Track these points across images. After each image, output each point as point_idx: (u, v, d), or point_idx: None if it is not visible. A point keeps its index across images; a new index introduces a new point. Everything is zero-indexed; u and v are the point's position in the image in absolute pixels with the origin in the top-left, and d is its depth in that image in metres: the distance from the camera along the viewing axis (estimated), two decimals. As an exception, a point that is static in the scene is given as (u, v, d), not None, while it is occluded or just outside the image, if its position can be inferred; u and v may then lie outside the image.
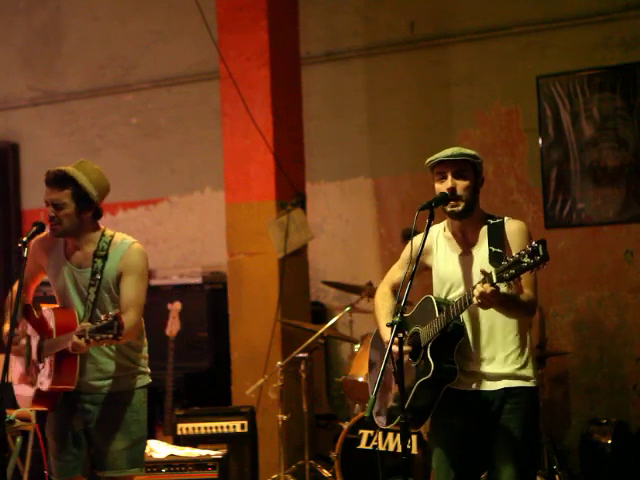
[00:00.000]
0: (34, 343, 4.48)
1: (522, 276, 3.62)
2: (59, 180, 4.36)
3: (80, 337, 4.06)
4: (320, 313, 7.48)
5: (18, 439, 5.56)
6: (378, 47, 7.49)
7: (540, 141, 6.96)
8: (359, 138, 7.55)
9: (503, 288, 3.64)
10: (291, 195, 6.83)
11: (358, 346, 6.07)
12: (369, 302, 6.40)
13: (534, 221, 6.93)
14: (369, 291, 6.26)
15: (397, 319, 3.69)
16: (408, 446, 3.75)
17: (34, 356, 4.47)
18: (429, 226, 3.92)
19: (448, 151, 3.98)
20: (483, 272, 3.65)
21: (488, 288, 3.60)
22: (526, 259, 3.51)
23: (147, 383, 4.54)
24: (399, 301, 3.79)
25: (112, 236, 4.45)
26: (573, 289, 6.84)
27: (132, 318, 4.30)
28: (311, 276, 7.10)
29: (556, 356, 6.59)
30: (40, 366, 4.42)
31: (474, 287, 3.68)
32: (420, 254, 3.92)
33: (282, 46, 6.87)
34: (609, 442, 6.02)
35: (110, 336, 4.01)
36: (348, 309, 6.34)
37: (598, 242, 6.80)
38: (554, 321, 6.86)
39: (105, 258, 4.39)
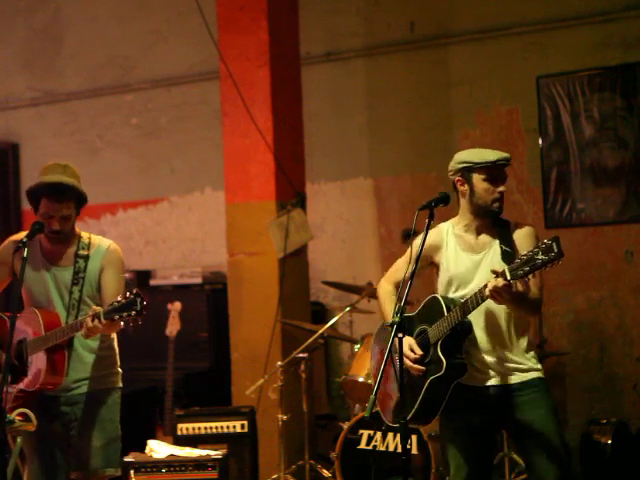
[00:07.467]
0: None
1: (530, 276, 3.70)
2: (66, 193, 4.39)
3: (93, 320, 4.10)
4: (320, 313, 7.48)
5: (18, 439, 5.55)
6: (378, 47, 7.49)
7: (540, 141, 6.96)
8: (359, 138, 7.55)
9: (517, 286, 3.72)
10: (291, 195, 6.83)
11: (358, 346, 6.07)
12: (369, 302, 6.41)
13: (534, 221, 6.93)
14: (369, 291, 6.26)
15: (397, 319, 3.72)
16: (408, 446, 3.77)
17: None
18: (429, 226, 3.96)
19: (501, 154, 4.06)
20: (494, 271, 3.74)
21: (501, 282, 3.69)
22: (540, 256, 3.62)
23: (121, 386, 4.61)
24: (399, 300, 3.82)
25: (89, 237, 4.54)
26: (573, 289, 6.84)
27: None
28: (311, 276, 7.09)
29: (555, 356, 6.58)
30: (20, 367, 4.43)
31: (487, 283, 3.76)
32: (420, 254, 3.95)
33: (282, 46, 6.87)
34: (609, 442, 6.02)
35: (133, 313, 4.07)
36: (348, 309, 6.34)
37: (598, 242, 6.80)
38: (554, 321, 6.86)
39: (87, 258, 4.47)
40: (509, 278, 3.68)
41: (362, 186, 7.56)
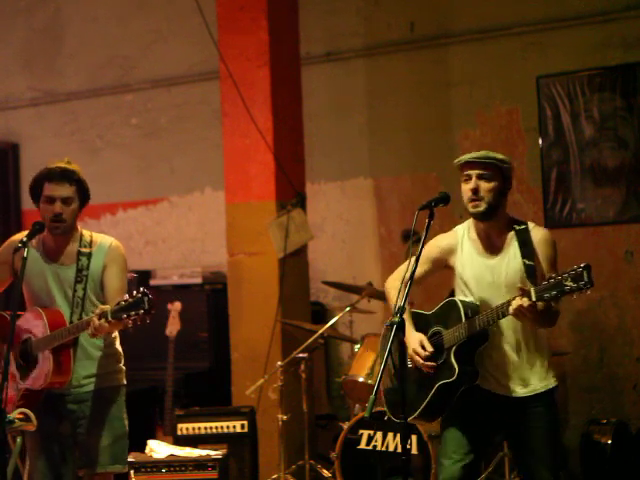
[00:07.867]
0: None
1: None
2: (67, 176, 4.39)
3: (100, 318, 4.10)
4: (320, 313, 7.47)
5: (18, 439, 5.54)
6: (378, 47, 7.48)
7: (540, 141, 6.96)
8: (359, 138, 7.55)
9: (540, 305, 3.72)
10: (291, 195, 6.83)
11: (358, 346, 6.07)
12: (369, 302, 6.41)
13: (534, 221, 6.89)
14: (369, 291, 6.26)
15: (397, 319, 3.71)
16: (408, 446, 3.77)
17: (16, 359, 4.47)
18: (429, 226, 3.95)
19: (475, 153, 4.03)
20: (522, 289, 3.72)
21: (526, 303, 3.68)
22: (569, 282, 3.57)
23: (125, 383, 4.62)
24: (398, 300, 3.81)
25: (91, 235, 4.54)
26: (573, 289, 6.83)
27: None
28: (311, 276, 7.09)
29: (555, 356, 6.58)
30: (26, 366, 4.44)
31: (510, 300, 3.76)
32: (419, 255, 3.94)
33: (282, 46, 6.87)
34: (609, 442, 6.03)
35: (141, 312, 4.05)
36: (348, 309, 6.34)
37: (598, 242, 6.79)
38: (554, 321, 6.85)
39: (89, 256, 4.46)
40: (534, 299, 3.67)
41: (362, 186, 7.56)
